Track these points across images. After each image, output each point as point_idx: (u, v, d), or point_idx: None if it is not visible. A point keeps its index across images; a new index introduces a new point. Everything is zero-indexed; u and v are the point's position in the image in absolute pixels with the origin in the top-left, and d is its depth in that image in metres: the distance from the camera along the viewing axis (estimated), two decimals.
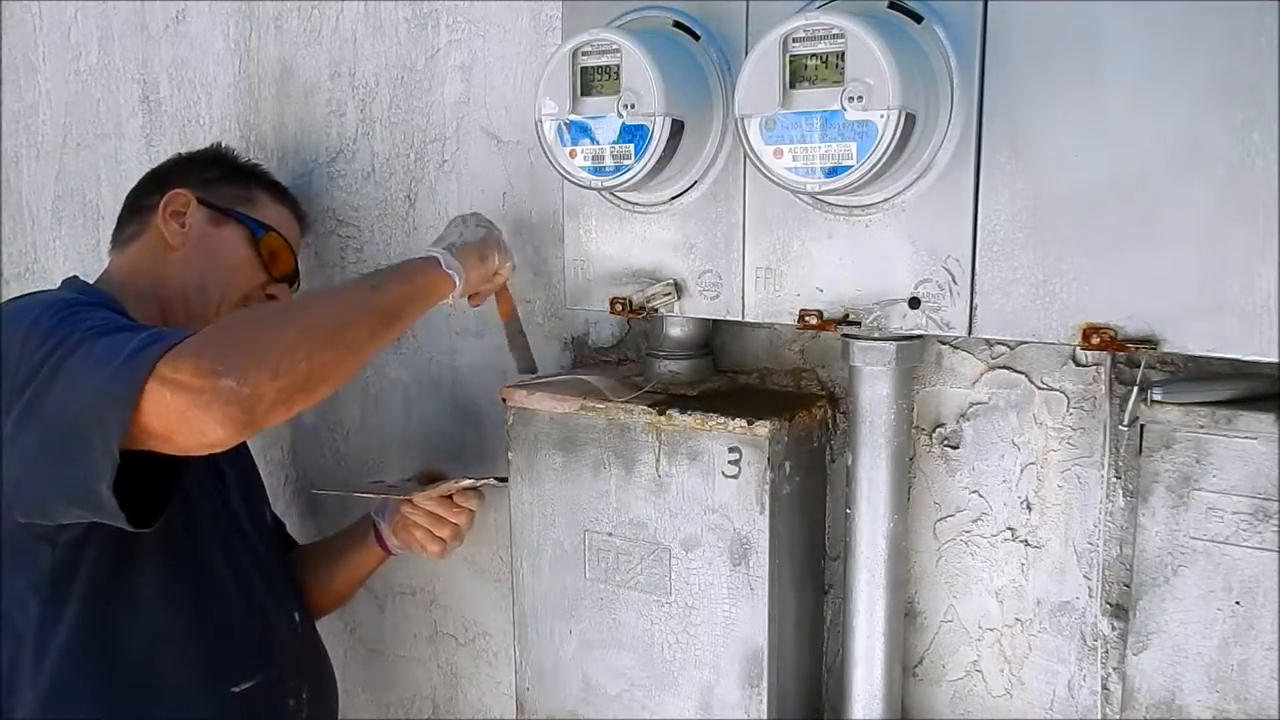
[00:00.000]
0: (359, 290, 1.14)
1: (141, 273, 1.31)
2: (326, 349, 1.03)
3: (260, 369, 0.97)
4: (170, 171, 1.40)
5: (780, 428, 1.09)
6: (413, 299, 1.15)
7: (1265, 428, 0.90)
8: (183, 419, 0.96)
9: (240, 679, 1.26)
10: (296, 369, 1.00)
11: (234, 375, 0.96)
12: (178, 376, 0.95)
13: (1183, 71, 0.84)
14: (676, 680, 1.17)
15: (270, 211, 1.40)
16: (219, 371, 0.95)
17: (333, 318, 1.07)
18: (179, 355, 0.96)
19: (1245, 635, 0.94)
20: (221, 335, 1.01)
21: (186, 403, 0.95)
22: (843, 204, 1.00)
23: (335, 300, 1.14)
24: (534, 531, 1.25)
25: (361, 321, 1.08)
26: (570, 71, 1.04)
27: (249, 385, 0.96)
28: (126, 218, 1.37)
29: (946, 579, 1.19)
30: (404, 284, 1.15)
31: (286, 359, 0.99)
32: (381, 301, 1.12)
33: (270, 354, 0.98)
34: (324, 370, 1.03)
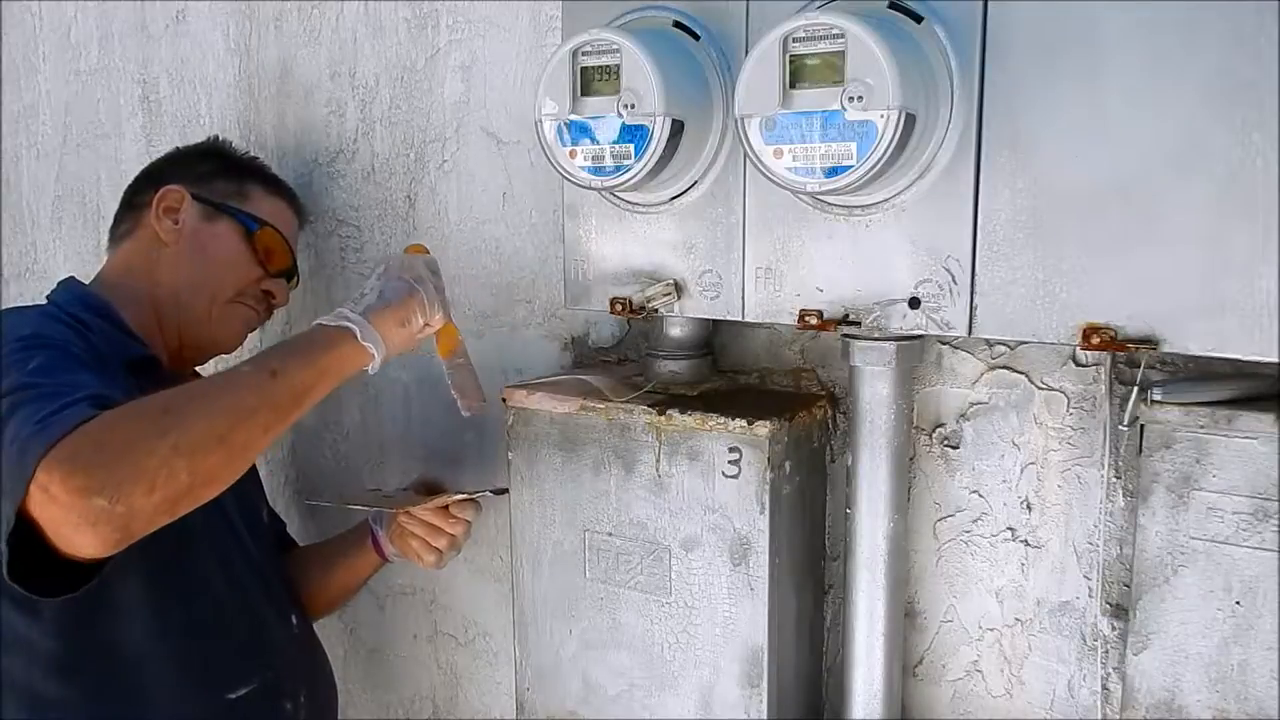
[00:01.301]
0: (257, 378, 1.03)
1: (135, 271, 1.31)
2: (213, 453, 0.97)
3: (134, 484, 0.91)
4: (165, 167, 1.39)
5: (780, 428, 1.09)
6: (318, 382, 1.07)
7: (1265, 428, 0.90)
8: (57, 532, 0.92)
9: (235, 685, 1.25)
10: (176, 479, 0.94)
11: (106, 493, 0.90)
12: (51, 489, 0.90)
13: (1183, 71, 0.84)
14: (676, 680, 1.17)
15: (265, 206, 1.38)
16: (90, 489, 0.90)
17: (223, 417, 0.98)
18: (55, 462, 0.90)
19: (1245, 635, 0.94)
20: (99, 441, 0.93)
21: (59, 517, 0.91)
22: (843, 204, 1.00)
23: (226, 394, 1.02)
24: (534, 531, 1.25)
25: (256, 417, 1.01)
26: (570, 71, 1.04)
27: (122, 503, 0.90)
28: (122, 214, 1.37)
29: (946, 579, 1.19)
30: (310, 366, 1.06)
31: (165, 469, 0.93)
32: (283, 390, 1.04)
33: (146, 466, 0.92)
34: (210, 475, 0.97)
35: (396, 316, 1.14)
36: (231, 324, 1.36)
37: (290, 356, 1.07)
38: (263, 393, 1.02)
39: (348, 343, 1.10)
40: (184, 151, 1.42)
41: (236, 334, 1.38)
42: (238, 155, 1.43)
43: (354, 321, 1.11)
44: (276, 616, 1.35)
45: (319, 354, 1.08)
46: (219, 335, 1.36)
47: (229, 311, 1.35)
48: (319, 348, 1.09)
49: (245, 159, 1.43)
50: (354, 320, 1.11)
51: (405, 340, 1.16)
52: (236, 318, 1.37)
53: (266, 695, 1.29)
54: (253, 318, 1.39)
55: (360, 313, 1.12)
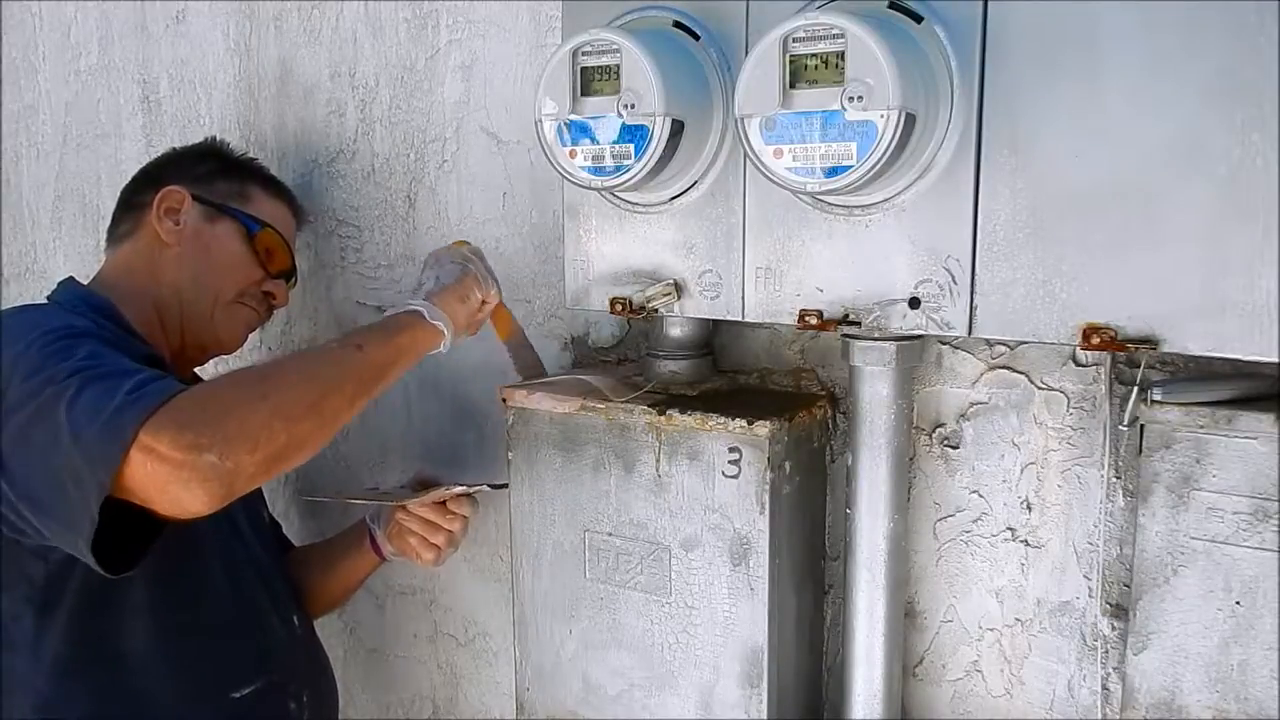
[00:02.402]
0: (343, 352, 1.10)
1: (136, 272, 1.31)
2: (307, 418, 1.02)
3: (240, 442, 0.96)
4: (164, 167, 1.39)
5: (780, 428, 1.09)
6: (398, 359, 1.14)
7: (1265, 428, 0.90)
8: (163, 491, 0.95)
9: (240, 685, 1.25)
10: (276, 440, 0.99)
11: (215, 450, 0.95)
12: (159, 448, 0.93)
13: (1183, 71, 0.84)
14: (676, 680, 1.17)
15: (265, 207, 1.39)
16: (200, 445, 0.94)
17: (314, 385, 1.05)
18: (160, 425, 0.94)
19: (1245, 635, 0.94)
20: (203, 403, 0.98)
21: (167, 476, 0.94)
22: (843, 204, 1.00)
23: (317, 365, 1.10)
24: (534, 531, 1.25)
25: (344, 388, 1.07)
26: (570, 71, 1.04)
27: (230, 459, 0.95)
28: (121, 215, 1.36)
29: (946, 579, 1.19)
30: (388, 345, 1.13)
31: (266, 430, 0.98)
32: (366, 365, 1.10)
33: (250, 425, 0.97)
34: (303, 439, 1.03)
35: (456, 294, 1.21)
36: (233, 325, 1.36)
37: (372, 335, 1.14)
38: (350, 366, 1.09)
39: (420, 324, 1.17)
40: (182, 152, 1.42)
41: (238, 335, 1.39)
42: (236, 156, 1.43)
43: (420, 305, 1.18)
44: (279, 618, 1.35)
45: (395, 334, 1.15)
46: (220, 336, 1.36)
47: (230, 312, 1.35)
48: (395, 329, 1.15)
49: (244, 160, 1.44)
50: (419, 304, 1.18)
51: (468, 317, 1.23)
52: (238, 318, 1.37)
53: (271, 695, 1.29)
54: (253, 318, 1.40)
55: (423, 298, 1.19)
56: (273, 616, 1.34)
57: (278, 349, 1.67)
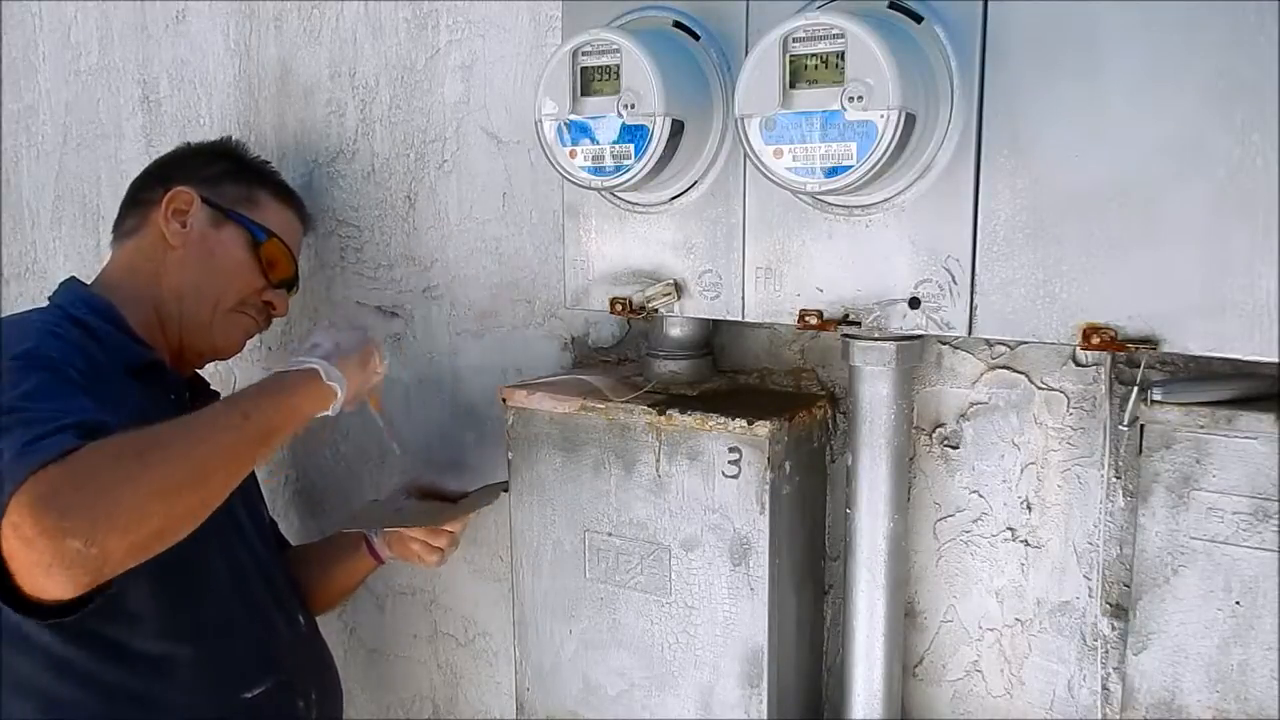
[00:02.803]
0: (230, 419, 1.06)
1: (139, 272, 1.31)
2: (188, 495, 0.98)
3: (110, 527, 0.90)
4: (175, 165, 1.38)
5: (780, 428, 1.09)
6: (288, 420, 1.11)
7: (1265, 428, 0.90)
8: (26, 571, 0.90)
9: (250, 685, 1.25)
10: (149, 523, 0.94)
11: (80, 535, 0.89)
12: (23, 529, 0.88)
13: (1183, 71, 0.84)
14: (676, 680, 1.17)
15: (273, 214, 1.38)
16: (64, 530, 0.88)
17: (198, 461, 1.00)
18: (26, 502, 0.88)
19: (1245, 635, 0.94)
20: (78, 478, 0.91)
21: (29, 559, 0.89)
22: (843, 204, 1.00)
23: (204, 436, 1.03)
24: (534, 531, 1.25)
25: (229, 460, 1.03)
26: (570, 71, 1.04)
27: (96, 545, 0.89)
28: (128, 210, 1.36)
29: (946, 579, 1.19)
30: (279, 407, 1.10)
31: (139, 513, 0.93)
32: (254, 430, 1.06)
33: (123, 508, 0.92)
34: (180, 519, 0.98)
35: (358, 360, 1.21)
36: (232, 332, 1.36)
37: (260, 398, 1.10)
38: (236, 434, 1.05)
39: (314, 383, 1.14)
40: (195, 150, 1.42)
41: (236, 342, 1.38)
42: (249, 159, 1.43)
43: (317, 363, 1.16)
44: (284, 617, 1.35)
45: (287, 394, 1.12)
46: (218, 342, 1.35)
47: (230, 320, 1.35)
48: (285, 390, 1.13)
49: (257, 163, 1.43)
50: (316, 363, 1.16)
51: (362, 383, 1.23)
52: (237, 326, 1.37)
53: (280, 694, 1.29)
54: (252, 327, 1.39)
55: (321, 356, 1.18)
56: (278, 616, 1.33)
57: (278, 349, 1.67)
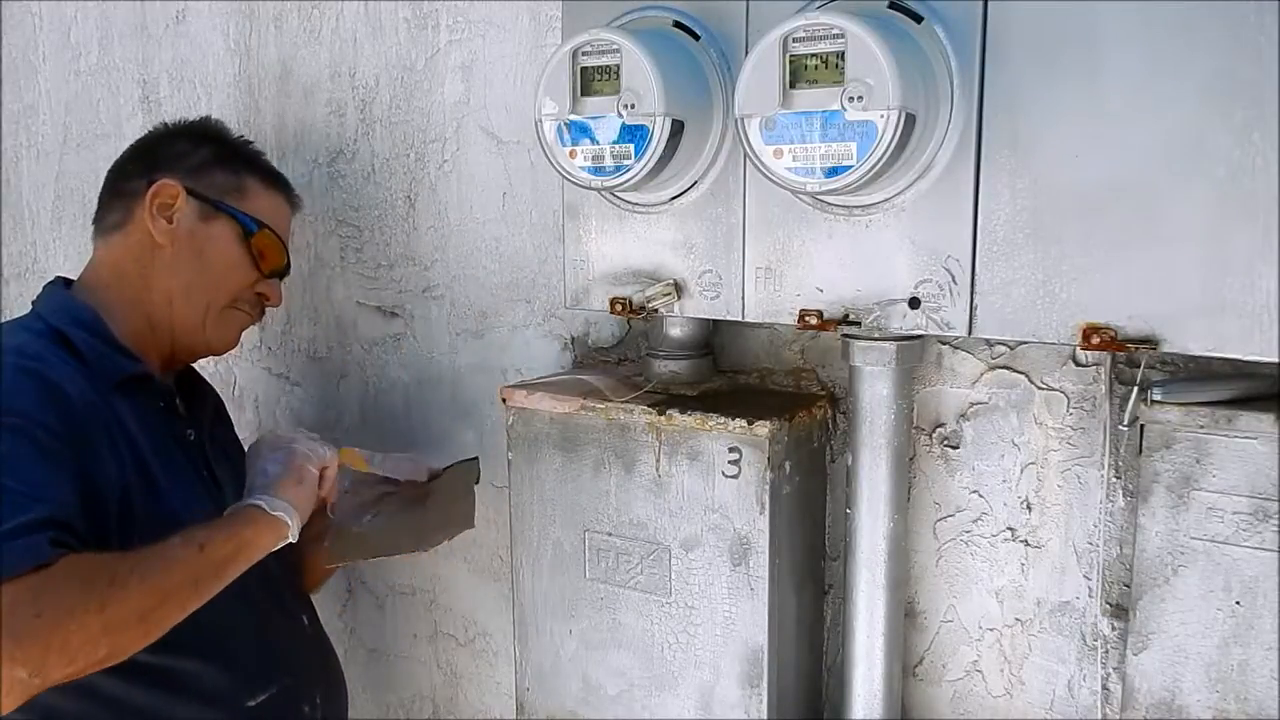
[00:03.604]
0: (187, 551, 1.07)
1: (126, 275, 1.26)
2: (136, 628, 1.02)
3: (58, 659, 0.95)
4: (157, 150, 1.31)
5: (780, 428, 1.09)
6: (240, 553, 1.13)
7: (1265, 428, 0.90)
8: None
9: (254, 692, 1.24)
10: (95, 654, 0.98)
11: (28, 666, 0.93)
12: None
13: (1183, 71, 0.84)
14: (676, 680, 1.17)
15: (263, 201, 1.33)
16: (15, 659, 0.92)
17: (154, 594, 1.03)
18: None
19: (1245, 635, 0.94)
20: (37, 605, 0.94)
21: None
22: (843, 204, 1.00)
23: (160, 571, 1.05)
24: (534, 531, 1.25)
25: (182, 594, 1.06)
26: (570, 71, 1.04)
27: (40, 675, 0.94)
28: (110, 201, 1.30)
29: (946, 579, 1.19)
30: (231, 540, 1.12)
31: (89, 646, 0.97)
32: (208, 565, 1.09)
33: (74, 641, 0.95)
34: (124, 649, 1.02)
35: (292, 478, 1.21)
36: (226, 330, 1.34)
37: (215, 534, 1.12)
38: (190, 568, 1.07)
39: (261, 517, 1.16)
40: (176, 132, 1.34)
41: (231, 338, 1.36)
42: (233, 140, 1.36)
43: (258, 499, 1.17)
44: (288, 619, 1.34)
45: (239, 529, 1.14)
46: (213, 341, 1.33)
47: (224, 317, 1.32)
48: (239, 523, 1.15)
49: (241, 144, 1.37)
50: (258, 498, 1.17)
51: (310, 495, 1.23)
52: (232, 323, 1.34)
53: (285, 699, 1.28)
54: (246, 321, 1.36)
55: (260, 491, 1.18)
56: (281, 619, 1.32)
57: (278, 349, 1.67)
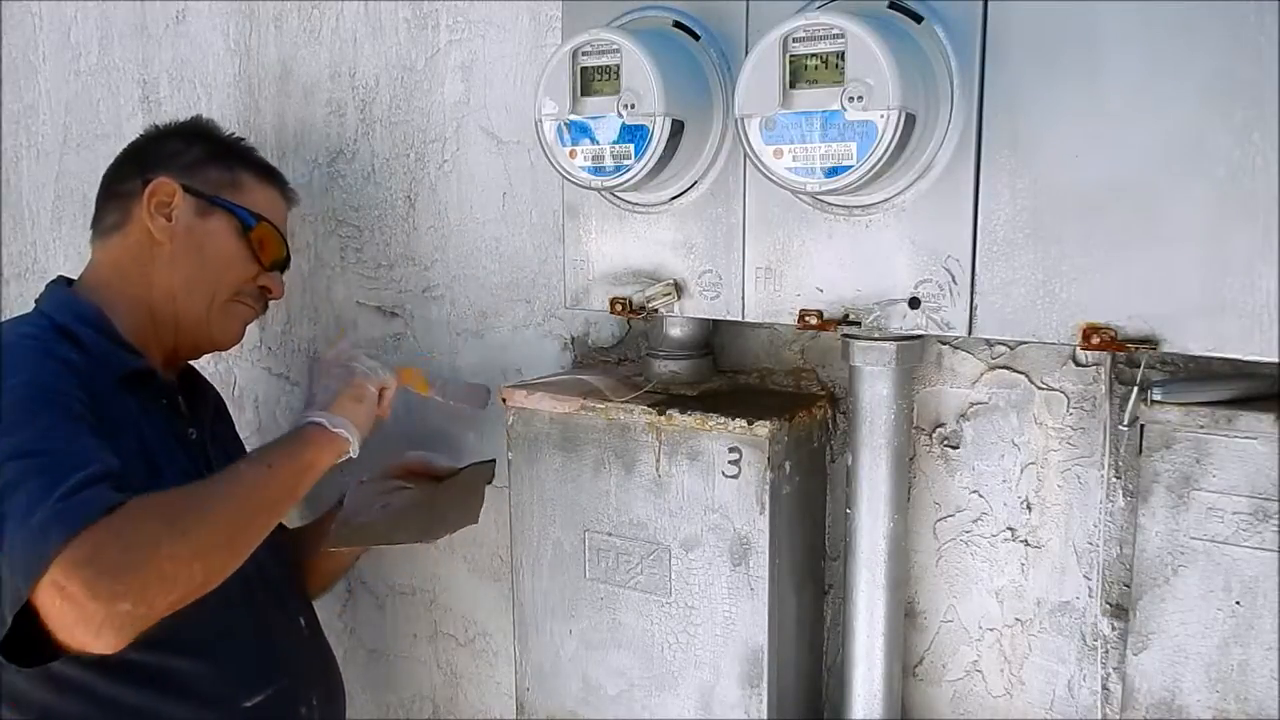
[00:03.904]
0: (256, 475, 1.12)
1: (127, 273, 1.27)
2: (224, 552, 1.05)
3: (158, 589, 0.97)
4: (150, 151, 1.33)
5: (780, 428, 1.09)
6: (306, 473, 1.16)
7: (1265, 428, 0.90)
8: (68, 631, 0.94)
9: (251, 693, 1.24)
10: (193, 580, 1.01)
11: (130, 598, 0.94)
12: (70, 588, 0.92)
13: (1183, 71, 0.84)
14: (676, 680, 1.17)
15: (258, 195, 1.34)
16: (116, 594, 0.93)
17: (234, 518, 1.07)
18: (73, 565, 0.92)
19: (1245, 635, 0.94)
20: (125, 542, 0.96)
21: (75, 618, 0.93)
22: (843, 204, 1.00)
23: (235, 495, 1.10)
24: (534, 531, 1.25)
25: (258, 516, 1.10)
26: (570, 71, 1.04)
27: (144, 605, 0.95)
28: (106, 203, 1.31)
29: (946, 579, 1.19)
30: (296, 461, 1.16)
31: (185, 572, 0.99)
32: (278, 486, 1.13)
33: (168, 570, 0.98)
34: (220, 572, 1.05)
35: (349, 396, 1.23)
36: (230, 323, 1.35)
37: (280, 454, 1.16)
38: (262, 491, 1.12)
39: (322, 434, 1.19)
40: (167, 132, 1.35)
41: (235, 333, 1.36)
42: (224, 137, 1.38)
43: (318, 416, 1.20)
44: (287, 621, 1.34)
45: (301, 448, 1.18)
46: (217, 336, 1.34)
47: (227, 311, 1.33)
48: (300, 444, 1.18)
49: (232, 141, 1.38)
50: (318, 415, 1.20)
51: (370, 413, 1.26)
52: (235, 317, 1.35)
53: (282, 700, 1.28)
54: (249, 314, 1.37)
55: (319, 408, 1.22)
56: (279, 621, 1.32)
57: (278, 349, 1.68)
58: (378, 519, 1.34)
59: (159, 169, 1.29)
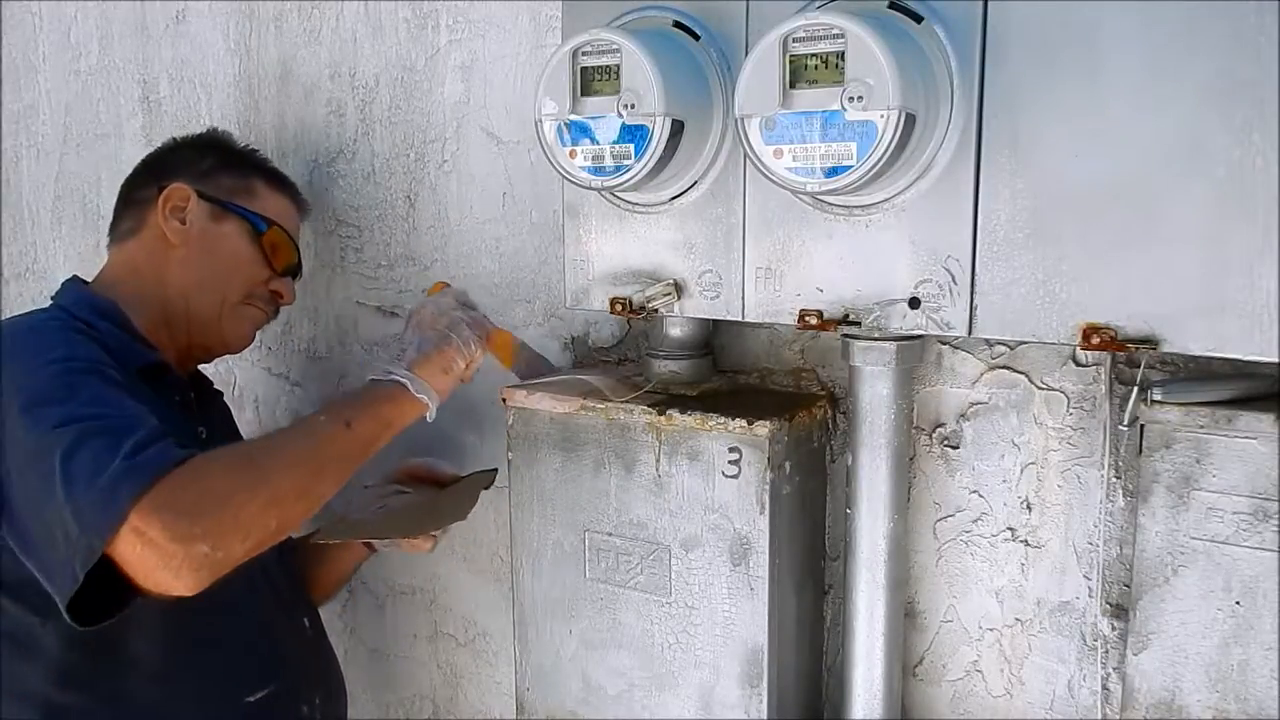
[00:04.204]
0: (334, 431, 1.11)
1: (142, 274, 1.30)
2: (299, 502, 1.06)
3: (234, 533, 0.98)
4: (166, 160, 1.37)
5: (780, 428, 1.09)
6: (384, 431, 1.15)
7: (1265, 428, 0.90)
8: (150, 574, 0.96)
9: (251, 690, 1.24)
10: (268, 526, 1.02)
11: (209, 540, 0.96)
12: (151, 533, 0.94)
13: (1183, 71, 0.84)
14: (676, 680, 1.17)
15: (270, 202, 1.37)
16: (194, 536, 0.95)
17: (308, 469, 1.07)
18: (155, 508, 0.94)
19: (1245, 635, 0.94)
20: (199, 488, 0.98)
21: (157, 562, 0.95)
22: (843, 204, 1.00)
23: (311, 447, 1.10)
24: (534, 531, 1.25)
25: (332, 469, 1.09)
26: (570, 71, 1.04)
27: (222, 549, 0.97)
28: (123, 210, 1.35)
29: (946, 579, 1.19)
30: (376, 419, 1.14)
31: (260, 519, 1.01)
32: (355, 442, 1.12)
33: (244, 516, 0.99)
34: (293, 521, 1.06)
35: (439, 364, 1.19)
36: (241, 326, 1.36)
37: (359, 410, 1.13)
38: (339, 445, 1.10)
39: (405, 396, 1.16)
40: (183, 143, 1.40)
41: (245, 335, 1.38)
42: (239, 148, 1.42)
43: (403, 377, 1.16)
44: (289, 621, 1.34)
45: (382, 407, 1.15)
46: (228, 337, 1.35)
47: (238, 313, 1.35)
48: (381, 401, 1.15)
49: (247, 152, 1.42)
50: (403, 376, 1.16)
51: (452, 383, 1.21)
52: (246, 319, 1.36)
53: (283, 699, 1.29)
54: (261, 318, 1.39)
55: (406, 366, 1.17)
56: (282, 620, 1.33)
57: (278, 349, 1.67)
58: (369, 517, 1.34)
59: (174, 176, 1.32)
